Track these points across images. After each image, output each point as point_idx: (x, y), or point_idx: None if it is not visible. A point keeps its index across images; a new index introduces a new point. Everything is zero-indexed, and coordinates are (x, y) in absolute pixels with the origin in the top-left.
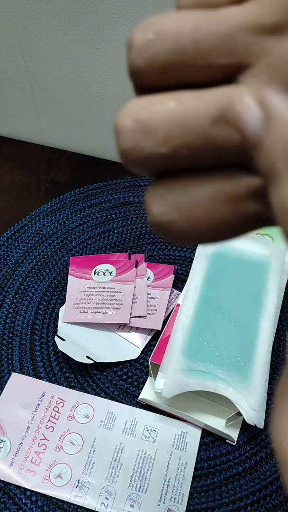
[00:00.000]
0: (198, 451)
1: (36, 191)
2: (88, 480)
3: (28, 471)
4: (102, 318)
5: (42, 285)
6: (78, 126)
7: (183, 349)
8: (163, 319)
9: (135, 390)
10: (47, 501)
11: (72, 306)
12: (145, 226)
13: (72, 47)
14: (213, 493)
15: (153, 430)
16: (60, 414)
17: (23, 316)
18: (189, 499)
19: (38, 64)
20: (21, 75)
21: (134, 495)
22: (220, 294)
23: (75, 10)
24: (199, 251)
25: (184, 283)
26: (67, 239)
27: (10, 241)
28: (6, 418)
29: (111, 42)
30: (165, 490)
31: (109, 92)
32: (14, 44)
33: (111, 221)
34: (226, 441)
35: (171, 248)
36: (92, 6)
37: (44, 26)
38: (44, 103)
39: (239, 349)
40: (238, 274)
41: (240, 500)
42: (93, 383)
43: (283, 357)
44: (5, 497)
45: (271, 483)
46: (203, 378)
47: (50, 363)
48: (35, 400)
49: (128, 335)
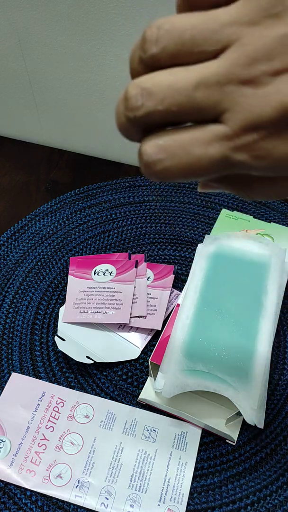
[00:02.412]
0: (198, 451)
1: (36, 191)
2: (88, 480)
3: (28, 471)
4: (102, 318)
5: (42, 285)
6: (78, 126)
7: (183, 349)
8: (163, 319)
9: (135, 390)
10: (47, 501)
11: (72, 306)
12: (145, 226)
13: (72, 47)
14: (213, 493)
15: (153, 430)
16: (60, 414)
17: (23, 316)
18: (189, 499)
19: (38, 64)
20: (21, 75)
21: (134, 495)
22: (220, 294)
23: (75, 10)
24: (199, 251)
25: (184, 283)
26: (67, 239)
27: (10, 241)
28: (6, 418)
29: (111, 42)
30: (165, 490)
31: (109, 92)
32: (14, 44)
33: (111, 221)
34: (226, 441)
35: (171, 248)
36: (92, 6)
37: (44, 26)
38: (44, 103)
39: (239, 349)
40: (238, 274)
41: (240, 500)
42: (93, 383)
43: (283, 357)
44: (5, 497)
45: (271, 483)
46: (203, 378)
47: (50, 363)
48: (35, 400)
49: (128, 335)
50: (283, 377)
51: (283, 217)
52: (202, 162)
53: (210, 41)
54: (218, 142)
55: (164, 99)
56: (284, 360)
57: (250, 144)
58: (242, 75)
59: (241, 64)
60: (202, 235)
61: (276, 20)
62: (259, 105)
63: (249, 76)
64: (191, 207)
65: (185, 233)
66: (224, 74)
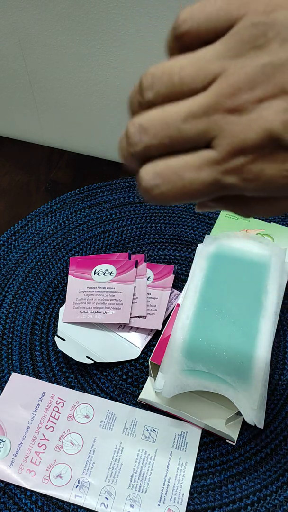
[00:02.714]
0: (198, 451)
1: (36, 191)
2: (88, 480)
3: (28, 471)
4: (102, 318)
5: (42, 285)
6: (78, 126)
7: (183, 349)
8: (163, 319)
9: (135, 390)
10: (47, 501)
11: (72, 306)
12: (145, 226)
13: (72, 47)
14: (213, 493)
15: (153, 430)
16: (60, 414)
17: (23, 316)
18: (189, 499)
19: (38, 64)
20: (21, 75)
21: (134, 495)
22: (220, 294)
23: (75, 10)
24: (199, 251)
25: (184, 283)
26: (67, 239)
27: (10, 241)
28: (6, 418)
29: (111, 42)
30: (165, 490)
31: (109, 92)
32: (14, 44)
33: (111, 221)
34: (226, 441)
35: (171, 248)
36: (92, 6)
37: (44, 26)
38: (44, 103)
39: (239, 349)
40: (238, 274)
41: (240, 500)
42: (93, 383)
43: (283, 357)
44: (5, 497)
45: (271, 483)
46: (203, 378)
47: (50, 363)
48: (35, 400)
49: (128, 335)
50: (283, 377)
51: (283, 217)
52: (194, 186)
53: (198, 79)
54: (209, 167)
55: (156, 134)
56: (284, 360)
57: (238, 168)
58: (227, 104)
59: (226, 94)
60: (202, 235)
61: (258, 51)
62: (244, 131)
63: (234, 105)
64: (191, 207)
65: (185, 233)
66: (210, 105)
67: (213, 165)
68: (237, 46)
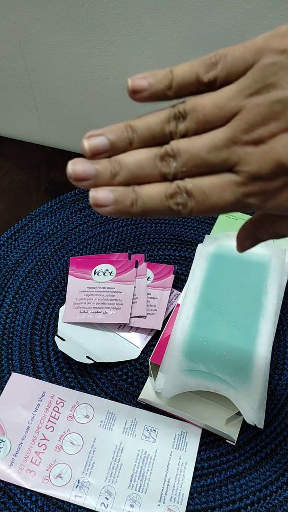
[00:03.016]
0: (198, 451)
1: (36, 191)
2: (88, 480)
3: (28, 471)
4: (102, 318)
5: (42, 285)
6: (78, 126)
7: (183, 349)
8: (163, 319)
9: (135, 390)
10: (47, 501)
11: (72, 306)
12: (145, 226)
13: (72, 47)
14: (213, 493)
15: (153, 430)
16: (60, 414)
17: (23, 316)
18: (189, 499)
19: (38, 64)
20: (21, 75)
21: (134, 495)
22: (220, 294)
23: (75, 10)
24: (199, 251)
25: (184, 283)
26: (67, 239)
27: (10, 241)
28: (6, 418)
29: (111, 42)
30: (165, 490)
31: (109, 92)
32: (14, 44)
33: (111, 221)
34: (226, 441)
35: (171, 248)
36: (92, 6)
37: (44, 26)
38: (44, 103)
39: (239, 349)
40: (238, 274)
41: (240, 500)
42: (93, 383)
43: (283, 357)
44: (5, 497)
45: (271, 483)
46: (203, 378)
47: (50, 363)
48: (35, 400)
49: (128, 335)
50: (283, 377)
51: None
52: (220, 204)
53: (218, 117)
54: (231, 188)
55: (186, 163)
56: (284, 360)
57: (257, 191)
58: (244, 138)
59: (243, 130)
60: (202, 235)
61: (270, 88)
62: (259, 160)
63: (250, 139)
64: None
65: (185, 233)
66: (230, 139)
67: (235, 186)
68: (251, 85)
